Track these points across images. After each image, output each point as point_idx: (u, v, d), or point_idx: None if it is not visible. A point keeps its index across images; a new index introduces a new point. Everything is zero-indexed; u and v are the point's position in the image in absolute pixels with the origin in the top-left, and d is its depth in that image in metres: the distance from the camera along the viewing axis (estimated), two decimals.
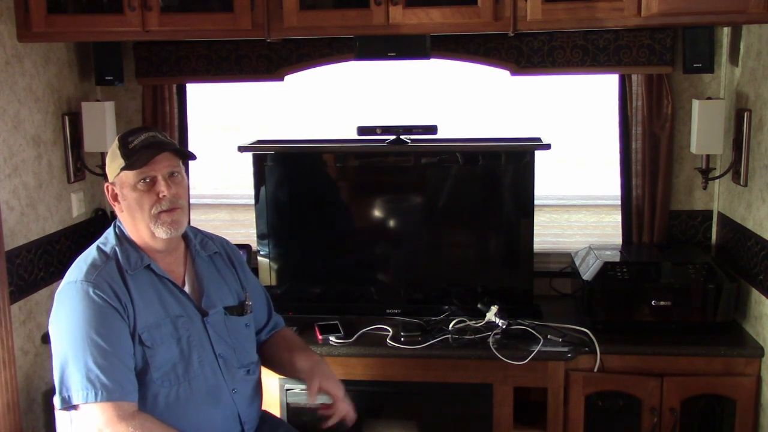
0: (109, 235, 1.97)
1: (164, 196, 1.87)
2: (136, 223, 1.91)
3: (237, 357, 2.02)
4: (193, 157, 1.98)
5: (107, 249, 1.92)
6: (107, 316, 1.81)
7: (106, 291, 1.82)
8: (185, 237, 2.03)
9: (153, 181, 1.88)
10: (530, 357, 2.42)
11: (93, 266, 1.87)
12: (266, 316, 2.24)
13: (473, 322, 2.61)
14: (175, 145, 1.95)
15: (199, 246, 2.06)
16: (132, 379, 1.82)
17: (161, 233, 1.89)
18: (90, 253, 1.92)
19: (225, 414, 1.96)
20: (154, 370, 1.86)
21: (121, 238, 1.94)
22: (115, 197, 1.93)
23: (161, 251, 1.95)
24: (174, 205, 1.89)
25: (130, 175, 1.87)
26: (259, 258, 2.86)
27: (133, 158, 1.86)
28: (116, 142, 1.91)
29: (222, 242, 2.18)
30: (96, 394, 1.76)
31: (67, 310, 1.83)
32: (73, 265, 1.91)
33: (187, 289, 1.99)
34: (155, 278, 1.93)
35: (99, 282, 1.83)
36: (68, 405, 1.79)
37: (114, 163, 1.90)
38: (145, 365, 1.85)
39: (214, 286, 2.04)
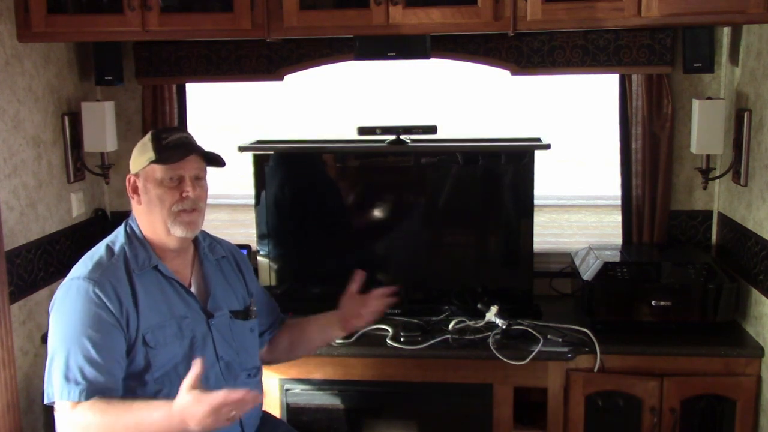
0: (119, 233, 1.97)
1: (188, 196, 1.90)
2: (153, 218, 1.92)
3: (240, 360, 2.02)
4: (222, 163, 1.99)
5: (115, 247, 1.92)
6: (102, 320, 1.80)
7: (108, 291, 1.82)
8: (194, 240, 2.03)
9: (179, 180, 1.90)
10: (530, 357, 2.42)
11: (98, 264, 1.87)
12: (272, 317, 2.25)
13: (473, 322, 2.61)
14: (205, 150, 1.96)
15: (207, 249, 2.07)
16: (114, 386, 1.80)
17: (177, 231, 1.90)
18: (98, 251, 1.92)
19: None
20: (156, 370, 1.86)
21: (132, 236, 1.95)
22: (135, 189, 1.94)
23: (173, 250, 1.96)
24: (194, 207, 1.92)
25: (158, 170, 1.89)
26: (259, 258, 2.86)
27: (165, 154, 1.88)
28: (148, 136, 1.93)
29: (230, 247, 2.19)
30: (69, 393, 1.75)
31: (65, 307, 1.83)
32: (79, 261, 1.91)
33: (193, 290, 2.00)
34: (162, 278, 1.93)
35: (102, 281, 1.83)
36: (50, 400, 1.81)
37: (143, 156, 1.90)
38: (147, 365, 1.85)
39: (221, 289, 2.05)
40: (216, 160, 1.97)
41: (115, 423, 1.73)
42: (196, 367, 1.67)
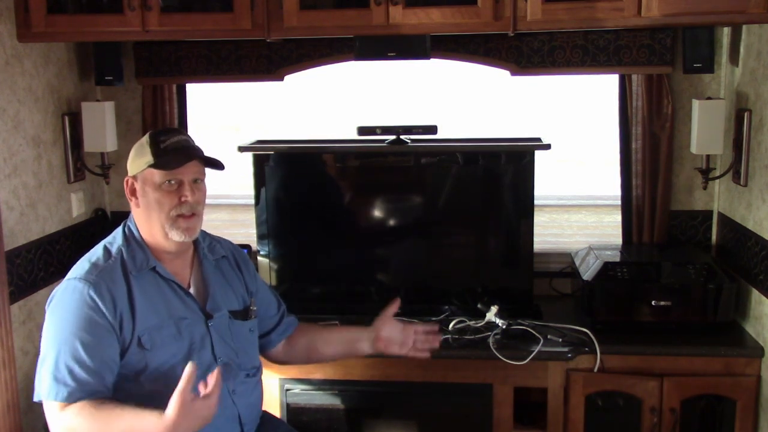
0: (117, 234, 1.97)
1: (186, 200, 1.89)
2: (151, 221, 1.91)
3: (238, 361, 2.02)
4: (221, 167, 1.98)
5: (113, 249, 1.92)
6: (95, 323, 1.80)
7: (103, 294, 1.82)
8: (194, 240, 2.03)
9: (178, 184, 1.89)
10: (530, 357, 2.42)
11: (95, 265, 1.87)
12: (278, 316, 2.25)
13: (473, 322, 2.61)
14: (204, 154, 1.96)
15: (207, 250, 2.07)
16: (103, 389, 1.80)
17: (175, 236, 1.90)
18: (95, 252, 1.92)
19: (225, 415, 1.95)
20: (152, 371, 1.86)
21: (130, 237, 1.94)
22: (133, 192, 1.94)
23: (171, 252, 1.95)
24: (193, 211, 1.91)
25: (156, 174, 1.88)
26: (259, 258, 2.86)
27: (164, 159, 1.87)
28: (146, 138, 1.92)
29: (230, 246, 2.19)
30: (57, 393, 1.75)
31: (60, 307, 1.83)
32: (77, 262, 1.91)
33: (192, 291, 1.99)
34: (160, 280, 1.93)
35: (98, 283, 1.83)
36: (38, 398, 1.81)
37: (141, 159, 1.90)
38: (143, 366, 1.85)
39: (220, 290, 2.04)
40: (215, 164, 1.97)
41: (104, 429, 1.73)
42: (186, 375, 1.66)
